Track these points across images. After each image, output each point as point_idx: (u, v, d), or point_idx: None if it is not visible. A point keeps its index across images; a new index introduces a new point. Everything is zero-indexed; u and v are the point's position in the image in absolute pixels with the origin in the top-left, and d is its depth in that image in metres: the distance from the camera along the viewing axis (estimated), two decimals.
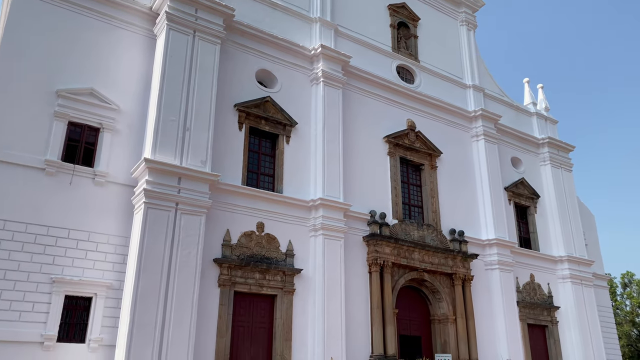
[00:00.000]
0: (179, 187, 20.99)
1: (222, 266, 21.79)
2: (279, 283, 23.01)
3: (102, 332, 19.85)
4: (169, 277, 19.70)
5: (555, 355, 31.55)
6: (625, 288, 56.36)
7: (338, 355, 21.90)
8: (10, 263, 18.94)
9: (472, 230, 30.55)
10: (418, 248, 27.07)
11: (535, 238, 34.18)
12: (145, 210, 20.05)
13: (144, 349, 18.37)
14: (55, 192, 20.45)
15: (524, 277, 32.07)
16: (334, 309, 23.33)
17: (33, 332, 18.70)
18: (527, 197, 34.62)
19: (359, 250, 25.78)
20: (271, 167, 25.46)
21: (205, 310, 20.82)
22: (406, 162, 30.00)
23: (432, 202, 29.69)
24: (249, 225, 23.17)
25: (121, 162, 22.08)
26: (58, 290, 19.54)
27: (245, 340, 21.99)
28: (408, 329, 27.04)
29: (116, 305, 20.25)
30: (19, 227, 19.42)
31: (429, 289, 27.92)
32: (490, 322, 29.01)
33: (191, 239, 20.62)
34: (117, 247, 21.03)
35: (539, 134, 37.23)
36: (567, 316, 32.51)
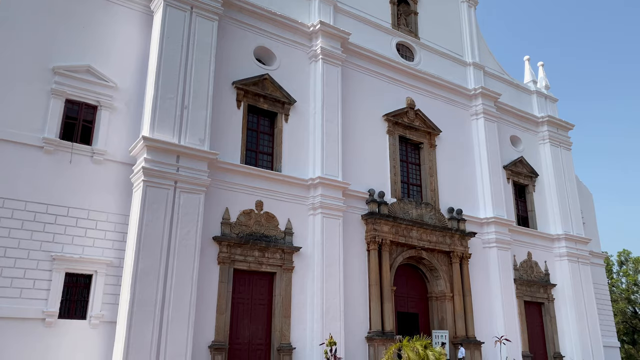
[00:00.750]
0: (177, 166, 20.97)
1: (221, 244, 21.92)
2: (278, 261, 23.17)
3: (103, 309, 20.07)
4: (169, 255, 19.83)
5: (551, 332, 31.99)
6: (622, 266, 56.86)
7: (336, 331, 22.18)
8: (10, 241, 19.04)
9: (470, 208, 30.66)
10: (416, 226, 27.20)
11: (533, 216, 34.35)
12: (144, 189, 20.07)
13: (144, 326, 18.60)
14: (54, 170, 20.43)
15: (522, 255, 32.33)
16: (333, 287, 23.55)
17: (34, 309, 18.90)
18: (526, 176, 34.67)
19: (358, 229, 25.90)
20: (270, 146, 25.41)
21: (205, 287, 21.00)
22: (405, 140, 29.93)
23: (431, 180, 29.72)
24: (247, 204, 23.23)
25: (119, 140, 22.01)
26: (58, 267, 19.68)
27: (244, 316, 22.24)
28: (406, 306, 27.35)
29: (116, 283, 20.43)
30: (18, 205, 19.46)
31: (426, 266, 28.15)
32: (487, 300, 29.33)
33: (190, 217, 20.69)
34: (117, 225, 21.11)
35: (538, 112, 37.10)
36: (563, 293, 32.87)
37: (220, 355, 20.60)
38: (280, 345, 22.17)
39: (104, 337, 19.76)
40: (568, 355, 31.14)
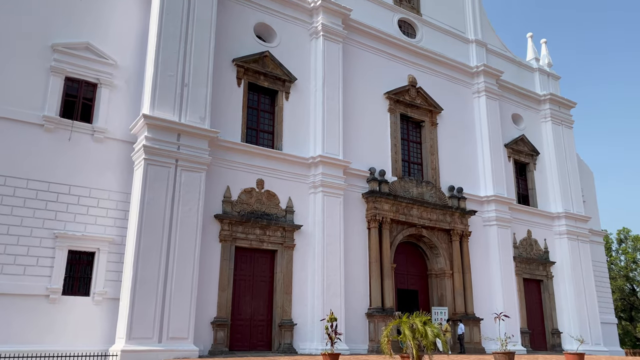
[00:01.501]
0: (178, 144, 20.95)
1: (222, 222, 22.03)
2: (279, 239, 23.31)
3: (106, 286, 20.28)
4: (171, 233, 19.95)
5: (549, 309, 32.34)
6: (621, 244, 57.18)
7: (337, 307, 22.43)
8: (12, 218, 19.15)
9: (471, 187, 30.71)
10: (417, 205, 27.29)
11: (533, 195, 34.42)
12: (145, 167, 20.09)
13: (147, 302, 18.82)
14: (55, 148, 20.44)
15: (521, 233, 32.50)
16: (333, 264, 23.74)
17: (38, 286, 19.12)
18: (527, 154, 34.63)
19: (358, 207, 25.99)
20: (270, 124, 25.33)
21: (207, 264, 21.19)
22: (406, 118, 29.82)
23: (432, 159, 29.71)
24: (249, 182, 23.28)
25: (120, 118, 21.97)
26: (61, 245, 19.83)
27: (246, 293, 22.49)
28: (405, 283, 27.60)
29: (119, 260, 20.61)
30: (20, 183, 19.53)
31: (426, 244, 28.33)
32: (487, 277, 29.59)
33: (192, 195, 20.75)
34: (118, 203, 21.21)
35: (540, 90, 36.86)
36: (562, 271, 33.14)
37: (222, 331, 20.90)
38: (281, 321, 22.46)
39: (107, 313, 20.01)
40: (566, 331, 31.54)
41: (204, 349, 20.29)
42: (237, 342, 21.69)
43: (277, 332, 22.43)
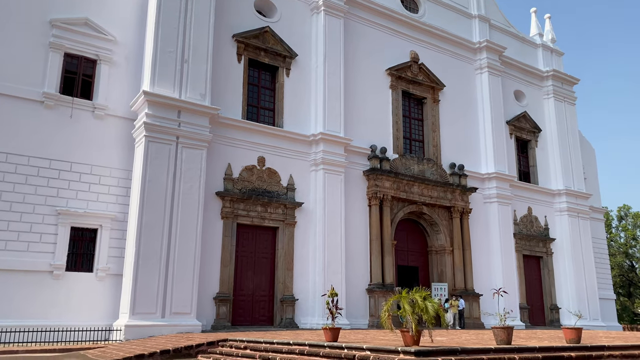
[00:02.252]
0: (179, 121, 20.90)
1: (224, 199, 22.11)
2: (281, 216, 23.43)
3: (109, 262, 20.48)
4: (172, 210, 20.04)
5: (548, 285, 32.64)
6: (621, 221, 57.32)
7: (338, 283, 22.66)
8: (15, 195, 19.24)
9: (472, 164, 30.69)
10: (418, 182, 27.32)
11: (534, 172, 34.42)
12: (146, 144, 20.08)
13: (150, 278, 19.02)
14: (56, 125, 20.42)
15: (522, 210, 32.59)
16: (334, 241, 23.90)
17: (42, 262, 19.32)
18: (529, 131, 34.51)
19: (359, 184, 26.03)
20: (271, 101, 25.21)
21: (209, 241, 21.34)
22: (408, 95, 29.64)
23: (434, 136, 29.62)
24: (250, 160, 23.28)
25: (120, 95, 21.88)
26: (64, 221, 19.96)
27: (248, 269, 22.70)
28: (406, 259, 27.81)
29: (121, 237, 20.77)
30: (21, 160, 19.56)
31: (427, 221, 28.45)
32: (487, 253, 29.78)
33: (193, 173, 20.79)
34: (120, 180, 21.28)
35: (543, 66, 36.52)
36: (562, 247, 33.33)
37: (225, 306, 21.17)
38: (283, 296, 22.72)
39: (110, 289, 20.26)
40: (564, 307, 31.87)
41: (207, 323, 20.58)
42: (239, 316, 21.99)
43: (279, 307, 22.71)
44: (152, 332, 18.41)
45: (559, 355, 10.49)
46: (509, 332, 11.06)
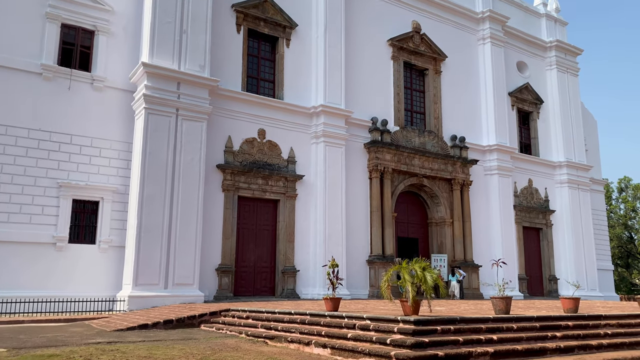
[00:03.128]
0: (178, 93, 20.76)
1: (225, 172, 22.13)
2: (282, 188, 23.48)
3: (111, 234, 20.64)
4: (174, 182, 20.08)
5: (547, 256, 32.93)
6: (621, 192, 57.41)
7: (338, 255, 22.86)
8: (16, 168, 19.27)
9: (473, 136, 30.59)
10: (418, 154, 27.27)
11: (536, 144, 34.33)
12: (146, 116, 20.00)
13: (152, 250, 19.19)
14: (55, 97, 20.31)
15: (522, 182, 32.65)
16: (335, 213, 24.01)
17: (45, 234, 19.47)
18: (531, 103, 34.28)
19: (360, 157, 26.00)
20: (271, 73, 24.98)
21: (211, 213, 21.45)
22: (410, 66, 29.34)
23: (435, 108, 29.44)
24: (250, 132, 23.20)
25: (119, 66, 21.69)
26: (65, 194, 20.04)
27: (250, 241, 22.88)
28: (406, 231, 27.99)
29: (123, 209, 20.87)
30: (21, 133, 19.52)
31: (427, 193, 28.51)
32: (487, 225, 29.95)
33: (193, 145, 20.75)
34: (121, 152, 21.27)
35: (547, 36, 36.03)
36: (561, 219, 33.50)
37: (227, 277, 21.41)
38: (284, 267, 22.96)
39: (113, 260, 20.46)
40: (563, 277, 32.21)
41: (209, 294, 20.86)
42: (241, 287, 22.27)
43: (280, 278, 22.98)
44: (155, 302, 18.67)
45: (557, 325, 10.65)
46: (508, 302, 11.21)
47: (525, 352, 9.02)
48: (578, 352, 9.66)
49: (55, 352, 9.47)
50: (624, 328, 11.53)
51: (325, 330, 10.37)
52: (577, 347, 9.76)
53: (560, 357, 9.19)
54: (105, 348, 10.01)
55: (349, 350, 9.04)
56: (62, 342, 11.02)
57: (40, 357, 8.83)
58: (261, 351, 9.93)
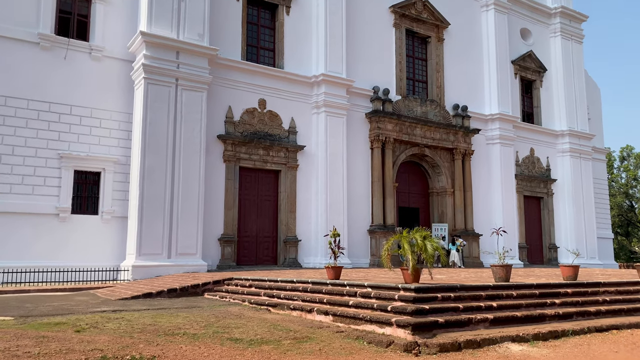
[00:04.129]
0: (177, 62, 20.54)
1: (226, 142, 22.08)
2: (283, 159, 23.46)
3: (114, 205, 20.74)
4: (175, 153, 20.06)
5: (548, 225, 33.10)
6: (623, 161, 57.29)
7: (340, 225, 22.98)
8: (16, 139, 19.24)
9: (475, 105, 30.36)
10: (420, 124, 27.12)
11: (538, 112, 34.10)
12: (146, 86, 19.83)
13: (155, 220, 19.31)
14: (53, 67, 20.11)
15: (524, 151, 32.56)
16: (336, 184, 24.05)
17: (48, 205, 19.57)
18: (534, 71, 33.89)
19: (361, 127, 25.87)
20: (271, 41, 24.64)
21: (212, 184, 21.49)
22: (412, 34, 28.90)
23: (437, 76, 29.14)
24: (250, 102, 23.04)
25: (117, 35, 21.40)
26: (67, 165, 20.05)
27: (252, 211, 22.99)
28: (407, 201, 28.08)
29: (125, 180, 20.92)
30: (21, 104, 19.41)
31: (429, 163, 28.48)
32: (488, 195, 30.02)
33: (194, 116, 20.64)
34: (121, 123, 21.19)
35: (551, 2, 35.36)
36: (562, 188, 33.54)
37: (229, 247, 21.60)
38: (286, 237, 23.13)
39: (116, 231, 20.61)
40: (563, 246, 32.45)
41: (212, 263, 21.09)
42: (244, 257, 22.49)
43: (283, 248, 23.18)
44: (159, 272, 18.90)
45: (556, 292, 10.77)
46: (508, 269, 11.31)
47: (524, 318, 9.15)
48: (577, 318, 9.80)
49: (61, 320, 9.63)
50: (622, 295, 11.66)
51: (327, 298, 10.50)
52: (575, 313, 9.90)
53: (558, 323, 9.32)
54: (111, 316, 10.18)
55: (350, 317, 9.18)
56: (68, 311, 11.20)
57: (47, 325, 8.99)
58: (264, 318, 10.09)
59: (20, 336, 7.81)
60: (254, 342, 7.74)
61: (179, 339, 7.88)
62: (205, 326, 9.00)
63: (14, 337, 7.69)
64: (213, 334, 8.31)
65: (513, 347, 7.70)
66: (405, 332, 7.90)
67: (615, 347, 7.98)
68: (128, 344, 7.35)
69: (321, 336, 8.24)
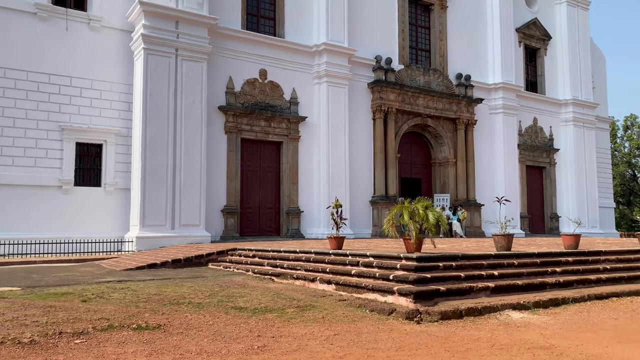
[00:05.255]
0: (177, 32, 20.27)
1: (227, 114, 21.96)
2: (284, 130, 23.36)
3: (116, 177, 20.80)
4: (176, 124, 19.99)
5: (550, 194, 33.15)
6: (627, 130, 56.92)
7: (342, 196, 23.05)
8: (17, 111, 19.17)
9: (479, 74, 30.03)
10: (423, 94, 26.88)
11: (542, 81, 33.74)
12: (146, 57, 19.63)
13: (158, 192, 19.38)
14: (51, 38, 19.89)
15: (527, 121, 32.37)
16: (338, 155, 24.00)
17: (50, 177, 19.63)
18: (538, 39, 33.39)
19: (364, 97, 25.67)
20: (271, 9, 24.24)
21: (214, 156, 21.48)
22: (415, 1, 28.38)
23: (440, 45, 28.74)
24: (251, 72, 22.82)
25: (115, 5, 21.10)
26: (68, 137, 20.03)
27: (254, 183, 23.04)
28: (409, 172, 28.07)
29: (127, 152, 20.92)
30: (20, 75, 19.27)
31: (431, 134, 28.36)
32: (490, 165, 29.97)
33: (194, 87, 20.49)
34: (121, 94, 21.06)
35: None
36: (565, 158, 33.46)
37: (232, 218, 21.73)
38: (289, 209, 23.23)
39: (119, 202, 20.73)
40: (564, 215, 32.55)
41: (216, 234, 21.25)
42: (247, 228, 22.64)
43: (285, 219, 23.30)
44: (162, 243, 19.07)
45: (557, 260, 10.86)
46: (509, 239, 11.37)
47: (525, 286, 9.25)
48: (577, 286, 9.90)
49: (68, 290, 9.77)
50: (622, 263, 11.75)
51: (329, 268, 10.61)
52: (576, 281, 10.00)
53: (559, 291, 9.42)
54: (116, 286, 10.31)
55: (353, 286, 9.29)
56: (74, 281, 11.35)
57: (54, 295, 9.12)
58: (268, 287, 10.21)
59: (28, 306, 7.93)
60: (258, 311, 7.85)
61: (184, 308, 8.00)
62: (210, 295, 9.12)
63: (22, 307, 7.81)
64: (217, 303, 8.43)
65: (514, 315, 7.80)
66: (407, 300, 8.00)
67: (615, 314, 8.08)
68: (134, 313, 7.46)
69: (324, 304, 8.35)
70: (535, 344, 6.12)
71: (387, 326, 7.02)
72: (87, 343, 5.88)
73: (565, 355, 5.60)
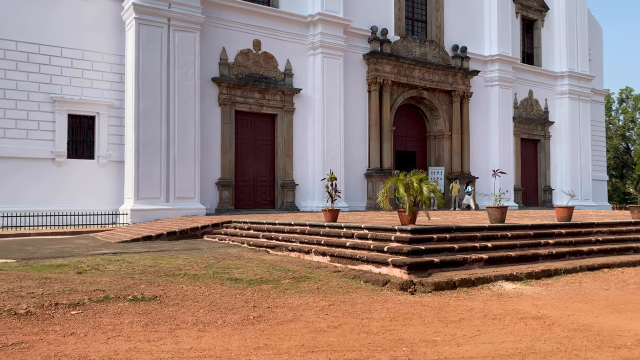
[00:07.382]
0: (169, 1, 19.87)
1: (220, 85, 21.71)
2: (279, 103, 23.16)
3: (110, 149, 20.65)
4: (169, 96, 19.77)
5: (544, 167, 33.27)
6: (622, 103, 56.85)
7: (337, 169, 23.03)
8: (7, 82, 18.88)
9: (475, 45, 29.73)
10: (419, 66, 26.64)
11: (538, 53, 33.48)
12: (137, 27, 19.27)
13: (152, 164, 19.28)
14: (40, 6, 19.46)
15: (523, 93, 32.24)
16: (333, 127, 23.89)
17: (43, 149, 19.47)
18: (536, 10, 33.00)
19: (359, 69, 25.41)
20: None
21: (208, 128, 21.33)
22: None
23: (437, 15, 28.36)
24: (245, 43, 22.49)
25: None
26: (60, 109, 19.79)
27: (248, 156, 22.95)
28: (404, 145, 28.02)
29: (120, 124, 20.72)
30: (9, 45, 18.91)
31: (427, 106, 28.22)
32: (485, 137, 29.95)
33: (187, 58, 20.19)
34: (113, 65, 20.75)
35: None
36: (560, 131, 33.46)
37: (227, 191, 21.72)
38: (283, 181, 23.22)
39: (113, 175, 20.64)
40: (558, 188, 32.74)
41: (211, 207, 21.26)
42: (242, 200, 22.66)
43: (280, 192, 23.32)
44: (157, 215, 19.07)
45: (550, 232, 10.95)
46: (503, 211, 11.43)
47: (518, 258, 9.33)
48: (569, 258, 10.00)
49: (63, 262, 9.78)
50: (614, 235, 11.87)
51: (324, 240, 10.66)
52: (568, 253, 10.09)
53: (552, 262, 9.52)
54: (112, 258, 10.34)
55: (347, 258, 9.34)
56: (69, 253, 11.36)
57: (49, 267, 9.13)
58: (263, 259, 10.27)
59: (23, 278, 7.94)
60: (254, 282, 7.90)
61: (179, 280, 8.03)
62: (205, 267, 9.16)
63: (18, 279, 7.82)
64: (213, 274, 8.47)
65: (506, 286, 7.89)
66: (401, 271, 8.06)
67: (606, 284, 8.19)
68: (129, 285, 7.49)
69: (319, 276, 8.41)
70: (528, 314, 6.20)
71: (381, 297, 7.08)
72: (83, 314, 5.91)
73: (557, 325, 5.68)
